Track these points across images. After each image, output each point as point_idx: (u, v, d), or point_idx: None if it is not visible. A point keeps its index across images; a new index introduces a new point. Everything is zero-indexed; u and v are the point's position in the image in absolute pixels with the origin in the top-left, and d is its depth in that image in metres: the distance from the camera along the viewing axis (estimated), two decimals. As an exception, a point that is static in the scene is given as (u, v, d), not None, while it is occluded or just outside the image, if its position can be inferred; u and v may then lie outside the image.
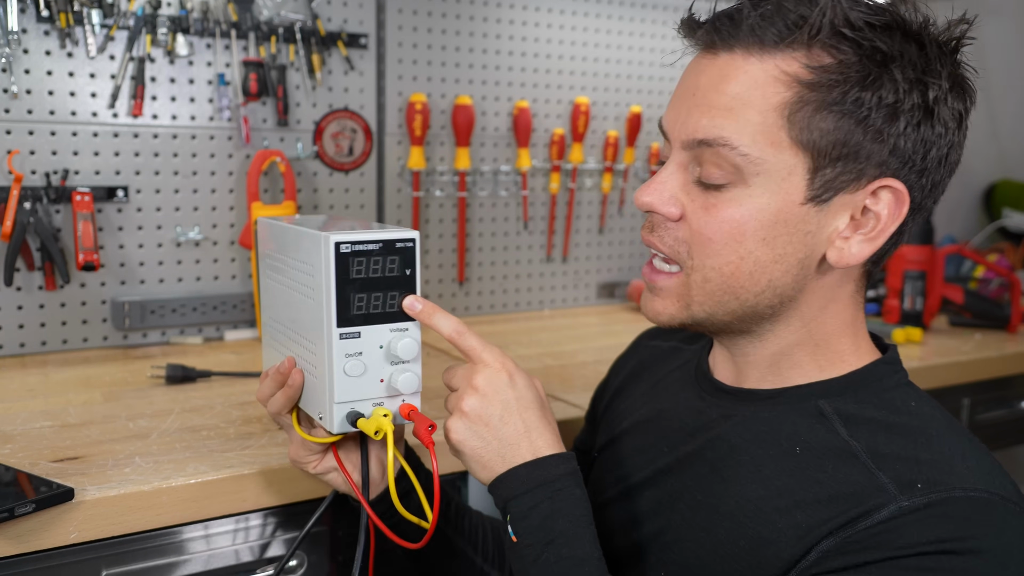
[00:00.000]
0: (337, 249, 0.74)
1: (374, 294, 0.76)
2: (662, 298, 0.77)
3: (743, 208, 0.70)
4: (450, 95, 1.78)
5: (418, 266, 0.78)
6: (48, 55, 1.41)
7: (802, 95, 0.68)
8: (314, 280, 0.77)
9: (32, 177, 1.41)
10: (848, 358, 0.77)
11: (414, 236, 0.77)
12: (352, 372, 0.76)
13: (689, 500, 0.77)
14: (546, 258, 1.96)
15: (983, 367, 1.61)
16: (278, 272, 0.87)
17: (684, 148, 0.73)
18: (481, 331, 1.74)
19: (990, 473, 0.67)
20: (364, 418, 0.77)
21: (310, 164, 1.65)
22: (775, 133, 0.68)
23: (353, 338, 0.76)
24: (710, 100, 0.70)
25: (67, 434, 1.05)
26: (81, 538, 0.87)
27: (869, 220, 0.71)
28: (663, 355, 0.97)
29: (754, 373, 0.80)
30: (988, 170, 2.76)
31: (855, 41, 0.67)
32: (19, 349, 1.43)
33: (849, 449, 0.70)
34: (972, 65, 0.72)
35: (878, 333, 0.85)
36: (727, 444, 0.78)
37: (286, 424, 0.85)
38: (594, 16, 1.93)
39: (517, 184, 1.89)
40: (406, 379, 0.78)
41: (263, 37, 1.55)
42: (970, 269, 2.19)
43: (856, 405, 0.74)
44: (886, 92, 0.67)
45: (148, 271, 1.52)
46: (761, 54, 0.69)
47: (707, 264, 0.73)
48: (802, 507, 0.69)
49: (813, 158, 0.69)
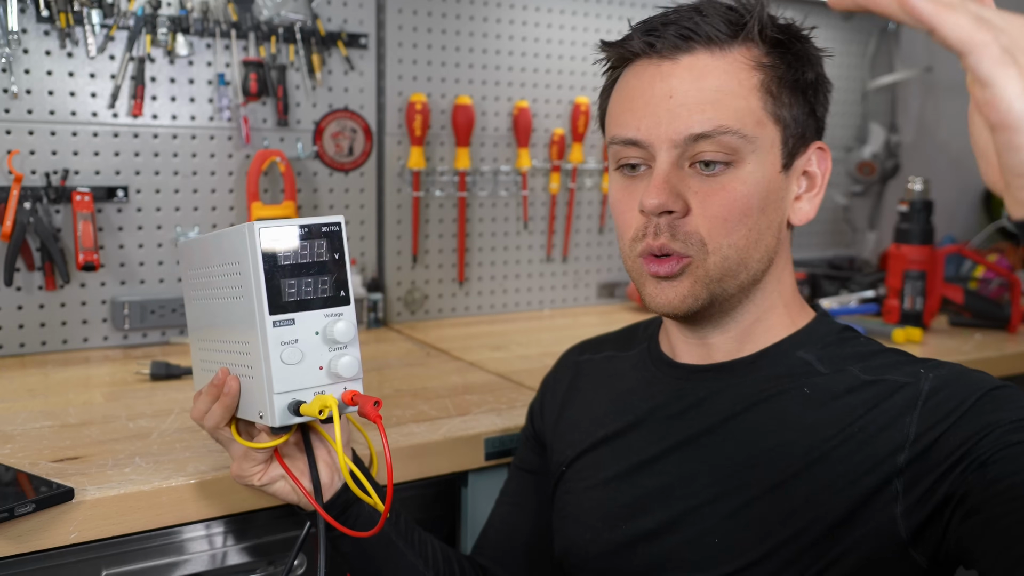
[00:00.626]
0: (262, 237, 0.73)
1: (305, 280, 0.75)
2: (682, 281, 0.79)
3: (747, 184, 0.77)
4: (450, 95, 1.78)
5: (346, 249, 0.77)
6: (48, 55, 1.41)
7: (769, 75, 0.78)
8: (242, 277, 0.76)
9: (32, 177, 1.41)
10: (800, 313, 0.86)
11: (339, 220, 0.77)
12: (289, 360, 0.74)
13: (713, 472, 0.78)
14: (546, 258, 1.96)
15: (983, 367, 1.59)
16: (202, 288, 0.85)
17: (673, 147, 0.77)
18: (481, 331, 1.74)
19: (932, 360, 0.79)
20: (306, 404, 0.75)
21: (310, 164, 1.65)
22: (758, 112, 0.77)
23: (287, 325, 0.74)
24: (693, 98, 0.76)
25: (67, 434, 1.05)
26: (81, 538, 0.87)
27: (808, 180, 0.83)
28: (603, 366, 0.97)
29: (726, 346, 0.84)
30: (988, 170, 2.75)
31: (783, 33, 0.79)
32: (19, 349, 1.43)
33: (849, 374, 0.78)
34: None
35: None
36: (732, 414, 0.80)
37: (225, 438, 0.82)
38: (594, 16, 1.93)
39: (517, 184, 1.89)
40: (346, 363, 0.76)
41: (263, 37, 1.55)
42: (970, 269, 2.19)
43: (825, 349, 0.82)
44: (809, 70, 0.80)
45: (148, 271, 1.52)
46: (723, 50, 0.77)
47: (724, 243, 0.77)
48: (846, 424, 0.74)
49: (782, 130, 0.79)
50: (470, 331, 1.75)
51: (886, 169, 2.39)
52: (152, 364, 1.29)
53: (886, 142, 2.38)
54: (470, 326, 1.79)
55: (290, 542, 1.01)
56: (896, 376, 0.76)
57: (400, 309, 1.79)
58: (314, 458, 0.83)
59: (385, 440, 0.74)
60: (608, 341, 1.01)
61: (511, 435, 1.11)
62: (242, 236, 0.74)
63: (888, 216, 2.43)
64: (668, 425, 0.84)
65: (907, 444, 0.70)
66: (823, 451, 0.74)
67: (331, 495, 0.85)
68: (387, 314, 1.77)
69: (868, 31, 2.38)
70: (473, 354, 1.52)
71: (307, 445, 0.84)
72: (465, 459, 1.09)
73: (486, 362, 1.47)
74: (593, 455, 0.89)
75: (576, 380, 0.99)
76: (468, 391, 1.28)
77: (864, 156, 2.36)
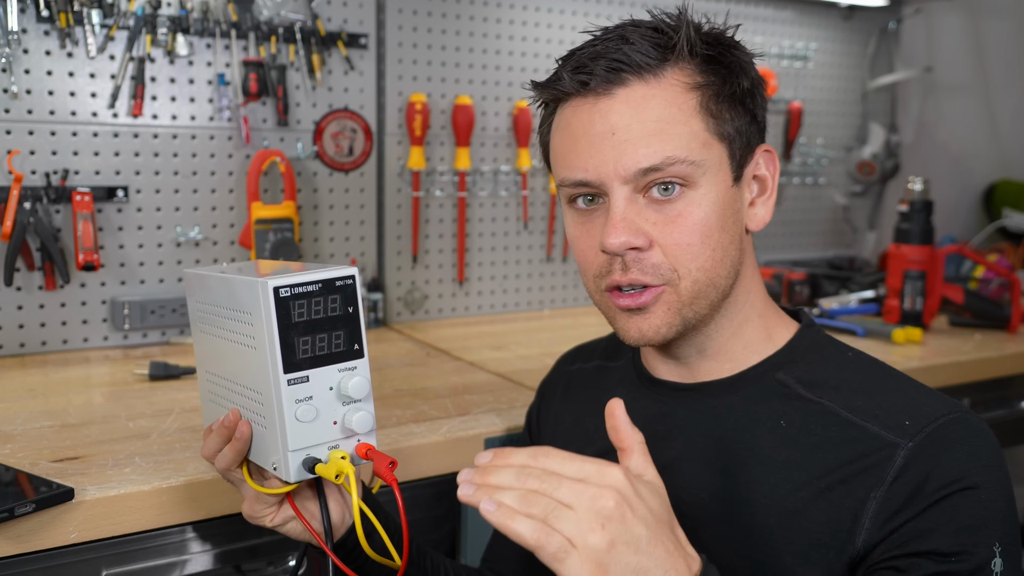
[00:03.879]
0: (276, 294, 0.71)
1: (319, 335, 0.74)
2: (654, 314, 0.78)
3: (703, 207, 0.77)
4: (450, 95, 1.78)
5: (360, 303, 0.76)
6: (48, 55, 1.41)
7: (706, 94, 0.77)
8: (254, 328, 0.74)
9: (32, 177, 1.41)
10: (781, 325, 0.85)
11: (352, 272, 0.75)
12: (304, 417, 0.74)
13: (693, 501, 0.78)
14: (546, 258, 1.96)
15: (983, 367, 1.60)
16: (212, 324, 0.84)
17: (625, 183, 0.76)
18: (481, 331, 1.74)
19: (933, 395, 0.77)
20: (322, 463, 0.75)
21: (310, 164, 1.65)
22: (702, 135, 0.77)
23: (302, 383, 0.74)
24: (636, 132, 0.75)
25: (67, 434, 1.05)
26: (81, 538, 0.87)
27: (759, 184, 0.83)
28: (592, 376, 0.97)
29: (705, 365, 0.83)
30: (988, 170, 2.76)
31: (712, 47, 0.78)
32: (19, 349, 1.43)
33: (827, 409, 0.77)
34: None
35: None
36: (710, 438, 0.80)
37: (236, 479, 0.81)
38: (594, 16, 1.93)
39: (517, 184, 1.89)
40: (360, 418, 0.75)
41: (263, 37, 1.55)
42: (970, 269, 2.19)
43: (807, 368, 0.81)
44: (744, 78, 0.79)
45: (148, 271, 1.52)
46: (655, 77, 0.76)
47: (692, 267, 0.77)
48: (815, 474, 0.73)
49: (728, 145, 0.79)
50: (470, 331, 1.75)
51: (886, 169, 2.39)
52: (151, 364, 1.29)
53: (886, 142, 2.38)
54: (470, 326, 1.79)
55: (291, 542, 1.01)
56: (877, 428, 0.74)
57: (400, 309, 1.79)
58: (326, 500, 0.82)
59: (400, 501, 0.74)
60: (598, 349, 1.01)
61: (511, 435, 1.11)
62: (255, 291, 0.73)
63: (888, 216, 2.43)
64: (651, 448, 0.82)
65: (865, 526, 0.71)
66: (793, 506, 0.73)
67: (343, 533, 0.84)
68: (387, 314, 1.77)
69: (868, 31, 2.38)
70: (473, 354, 1.52)
71: (319, 486, 0.83)
72: (465, 459, 1.09)
73: (486, 362, 1.47)
74: None
75: (568, 391, 0.99)
76: (468, 391, 1.28)
77: (864, 156, 2.36)
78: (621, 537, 0.60)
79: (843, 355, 0.82)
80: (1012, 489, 0.72)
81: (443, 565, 0.94)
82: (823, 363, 0.81)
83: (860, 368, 0.81)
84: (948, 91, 2.64)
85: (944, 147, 2.67)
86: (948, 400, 0.76)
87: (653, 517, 0.63)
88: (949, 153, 2.68)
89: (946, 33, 2.60)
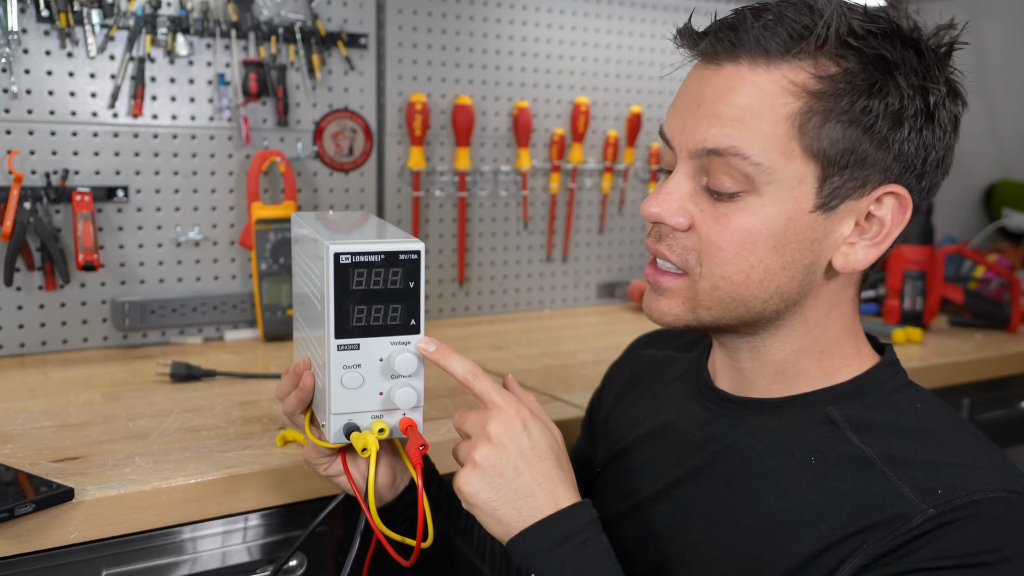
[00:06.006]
0: (337, 260, 0.72)
1: (375, 306, 0.74)
2: (667, 299, 0.76)
3: (755, 217, 0.70)
4: (450, 95, 1.78)
5: (422, 279, 0.75)
6: (48, 55, 1.41)
7: (811, 105, 0.68)
8: (319, 286, 0.76)
9: (32, 177, 1.41)
10: (851, 362, 0.77)
11: (419, 248, 0.74)
12: (349, 384, 0.75)
13: (706, 514, 0.76)
14: (546, 258, 1.96)
15: (983, 367, 1.61)
16: (301, 269, 0.86)
17: (691, 157, 0.72)
18: (481, 331, 1.74)
19: (1004, 470, 0.68)
20: (358, 431, 0.76)
21: (310, 164, 1.65)
22: (786, 143, 0.69)
23: (351, 350, 0.75)
24: (718, 111, 0.70)
25: (67, 434, 1.05)
26: (81, 538, 0.87)
27: (873, 225, 0.72)
28: (659, 365, 0.96)
29: (760, 381, 0.79)
30: (988, 170, 2.76)
31: (859, 50, 0.68)
32: (19, 349, 1.43)
33: (864, 456, 0.70)
34: (961, 69, 0.73)
35: (877, 333, 0.85)
36: (739, 456, 0.77)
37: (299, 424, 0.84)
38: (594, 16, 1.93)
39: (517, 184, 1.89)
40: (404, 394, 0.76)
41: (263, 37, 1.55)
42: (970, 269, 2.19)
43: (864, 410, 0.74)
44: (892, 99, 0.68)
45: (148, 271, 1.52)
46: (767, 65, 0.69)
47: (716, 273, 0.72)
48: (826, 519, 0.69)
49: (822, 167, 0.69)
50: (470, 331, 1.75)
51: (886, 169, 2.39)
52: (172, 364, 1.28)
53: (886, 142, 2.38)
54: (470, 326, 1.79)
55: (290, 542, 1.01)
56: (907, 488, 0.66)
57: (400, 309, 1.79)
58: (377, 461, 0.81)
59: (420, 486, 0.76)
60: (676, 338, 0.98)
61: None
62: (320, 251, 0.74)
63: (888, 216, 2.42)
64: (685, 452, 0.82)
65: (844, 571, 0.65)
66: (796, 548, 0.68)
67: (392, 497, 0.86)
68: (387, 314, 1.77)
69: (868, 31, 2.38)
70: (473, 354, 1.52)
71: None
72: (465, 459, 1.09)
73: (486, 362, 1.47)
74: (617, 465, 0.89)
75: (632, 376, 0.98)
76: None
77: (864, 156, 2.36)
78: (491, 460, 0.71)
79: (911, 404, 0.74)
80: None
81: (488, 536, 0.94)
82: (884, 408, 0.74)
83: (924, 421, 0.73)
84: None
85: (944, 147, 2.66)
86: (1009, 475, 0.67)
87: (534, 453, 0.72)
88: (949, 153, 2.68)
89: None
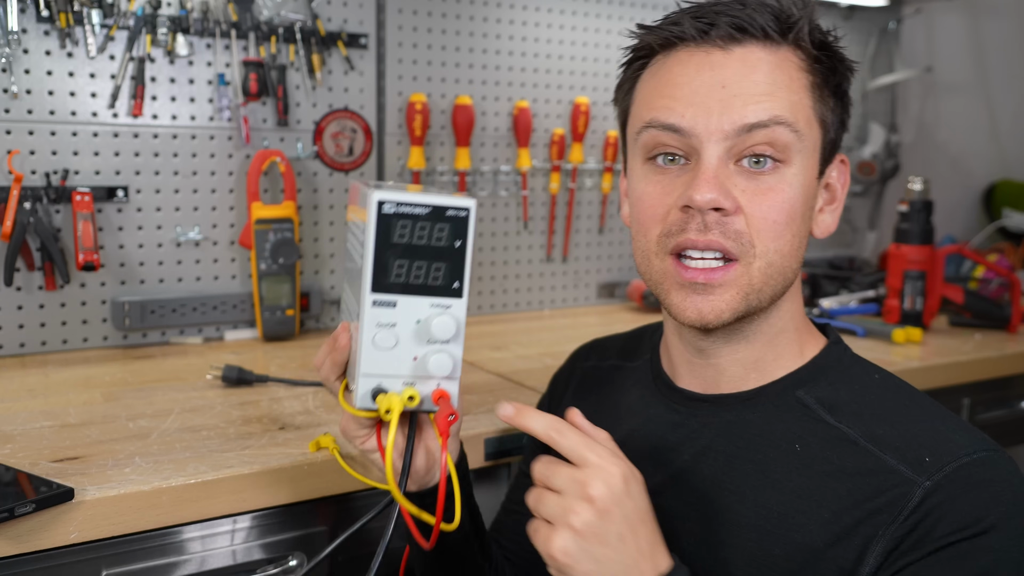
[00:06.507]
0: (380, 208, 0.68)
1: (416, 262, 0.69)
2: (720, 294, 0.74)
3: (793, 187, 0.74)
4: (450, 95, 1.78)
5: (470, 238, 0.70)
6: (48, 55, 1.41)
7: (817, 77, 0.76)
8: (364, 238, 0.71)
9: (32, 177, 1.41)
10: (810, 340, 0.82)
11: (469, 205, 0.69)
12: (382, 344, 0.70)
13: (698, 517, 0.76)
14: (546, 258, 1.96)
15: (983, 367, 1.60)
16: (350, 232, 0.82)
17: (724, 139, 0.73)
18: (481, 331, 1.74)
19: (965, 428, 0.73)
20: (384, 394, 0.71)
21: (310, 164, 1.65)
22: (808, 110, 0.75)
23: (388, 306, 0.70)
24: (747, 89, 0.73)
25: (67, 434, 1.05)
26: (81, 538, 0.87)
27: (832, 192, 0.81)
28: (606, 376, 0.95)
29: (736, 373, 0.80)
30: (988, 170, 2.76)
31: (827, 39, 0.77)
32: (19, 349, 1.43)
33: (845, 436, 0.73)
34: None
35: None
36: (723, 455, 0.77)
37: (334, 391, 0.79)
38: (594, 16, 1.93)
39: (517, 184, 1.89)
40: (438, 360, 0.71)
41: (263, 37, 1.55)
42: (970, 269, 2.19)
43: (830, 389, 0.77)
44: (845, 80, 0.79)
45: (148, 271, 1.52)
46: (774, 46, 0.75)
47: (771, 248, 0.74)
48: (825, 504, 0.71)
49: (823, 133, 0.77)
50: (470, 331, 1.74)
51: (886, 169, 2.39)
52: (225, 367, 1.26)
53: (886, 142, 2.38)
54: (470, 326, 1.79)
55: (291, 542, 1.01)
56: (895, 461, 0.70)
57: (400, 309, 1.79)
58: (414, 440, 0.77)
59: (444, 461, 0.72)
60: (615, 347, 0.99)
61: (511, 435, 1.11)
62: (367, 201, 0.69)
63: (888, 216, 2.43)
64: (660, 457, 0.81)
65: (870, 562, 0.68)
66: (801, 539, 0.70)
67: (424, 486, 0.81)
68: (387, 314, 1.77)
69: (868, 31, 2.38)
70: (473, 354, 1.52)
71: (411, 423, 0.78)
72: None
73: (486, 362, 1.47)
74: None
75: (580, 388, 0.97)
76: (468, 391, 1.28)
77: (864, 156, 2.36)
78: (594, 528, 0.63)
79: (869, 377, 0.79)
80: None
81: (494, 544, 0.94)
82: (847, 384, 0.77)
83: (885, 393, 0.77)
84: (948, 91, 2.64)
85: (944, 147, 2.67)
86: (975, 435, 0.72)
87: (636, 517, 0.65)
88: (949, 153, 2.68)
89: (946, 33, 2.60)
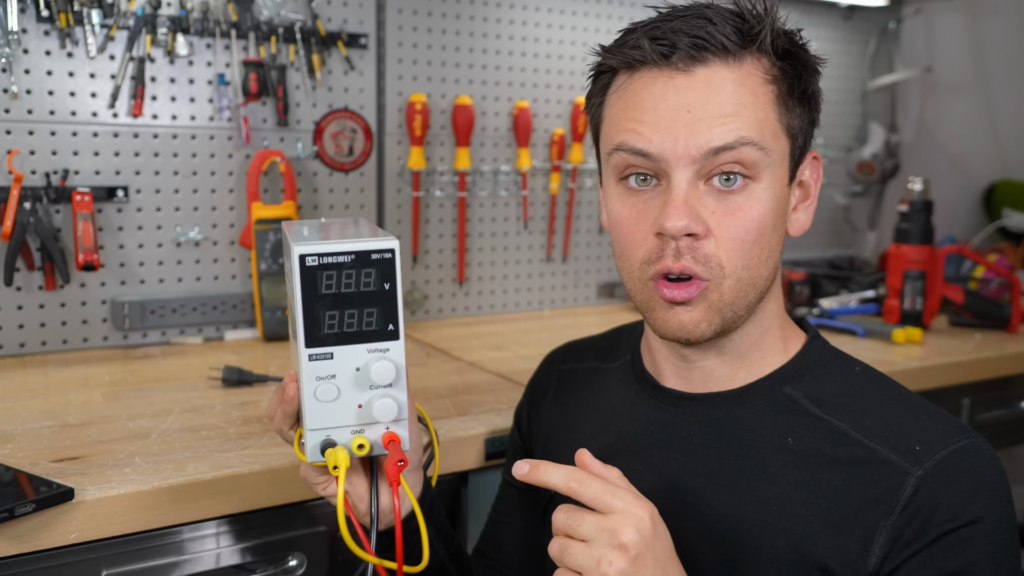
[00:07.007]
0: (303, 262, 0.67)
1: (348, 311, 0.69)
2: (693, 310, 0.75)
3: (762, 203, 0.74)
4: (450, 95, 1.78)
5: (398, 279, 0.70)
6: (48, 55, 1.41)
7: (781, 88, 0.76)
8: (294, 291, 0.70)
9: (32, 177, 1.41)
10: (792, 336, 0.83)
11: (392, 246, 0.69)
12: (324, 397, 0.70)
13: (695, 516, 0.76)
14: (546, 258, 1.96)
15: (983, 367, 1.60)
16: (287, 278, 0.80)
17: (691, 163, 0.73)
18: (481, 331, 1.74)
19: (943, 416, 0.76)
20: (332, 448, 0.71)
21: (310, 164, 1.65)
22: (773, 125, 0.75)
23: (324, 359, 0.69)
24: (712, 111, 0.72)
25: (67, 434, 1.05)
26: (81, 538, 0.87)
27: (805, 189, 0.82)
28: (584, 379, 0.95)
29: (723, 373, 0.80)
30: (988, 170, 2.76)
31: (791, 44, 0.77)
32: (19, 349, 1.43)
33: (835, 428, 0.75)
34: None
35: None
36: (716, 452, 0.77)
37: (289, 440, 0.78)
38: (594, 16, 1.93)
39: (517, 184, 1.89)
40: (383, 406, 0.70)
41: (263, 37, 1.55)
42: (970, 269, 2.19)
43: (815, 383, 0.79)
44: (812, 80, 0.79)
45: (148, 271, 1.52)
46: (736, 62, 0.74)
47: (739, 265, 0.74)
48: (822, 495, 0.72)
49: (791, 142, 0.77)
50: (470, 331, 1.75)
51: (886, 169, 2.39)
52: (224, 369, 1.26)
53: (886, 142, 2.38)
54: (470, 326, 1.79)
55: (291, 542, 1.01)
56: (887, 451, 0.72)
57: (400, 309, 1.79)
58: (377, 483, 0.78)
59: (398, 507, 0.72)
60: (590, 349, 0.98)
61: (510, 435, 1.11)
62: (290, 256, 0.69)
63: (888, 216, 2.43)
64: (651, 457, 0.81)
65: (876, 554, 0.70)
66: (803, 531, 0.72)
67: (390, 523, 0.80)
68: (387, 314, 1.77)
69: (868, 31, 2.38)
70: (473, 354, 1.52)
71: (371, 466, 0.78)
72: (465, 459, 1.09)
73: (486, 362, 1.47)
74: None
75: (559, 392, 0.96)
76: (468, 391, 1.28)
77: (864, 156, 2.36)
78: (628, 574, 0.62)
79: (851, 370, 0.81)
80: (1015, 521, 0.72)
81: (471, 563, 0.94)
82: (831, 378, 0.79)
83: (868, 385, 0.79)
84: (948, 91, 2.64)
85: (944, 147, 2.67)
86: (957, 423, 0.75)
87: (665, 556, 0.65)
88: (949, 153, 2.68)
89: (946, 33, 2.60)
